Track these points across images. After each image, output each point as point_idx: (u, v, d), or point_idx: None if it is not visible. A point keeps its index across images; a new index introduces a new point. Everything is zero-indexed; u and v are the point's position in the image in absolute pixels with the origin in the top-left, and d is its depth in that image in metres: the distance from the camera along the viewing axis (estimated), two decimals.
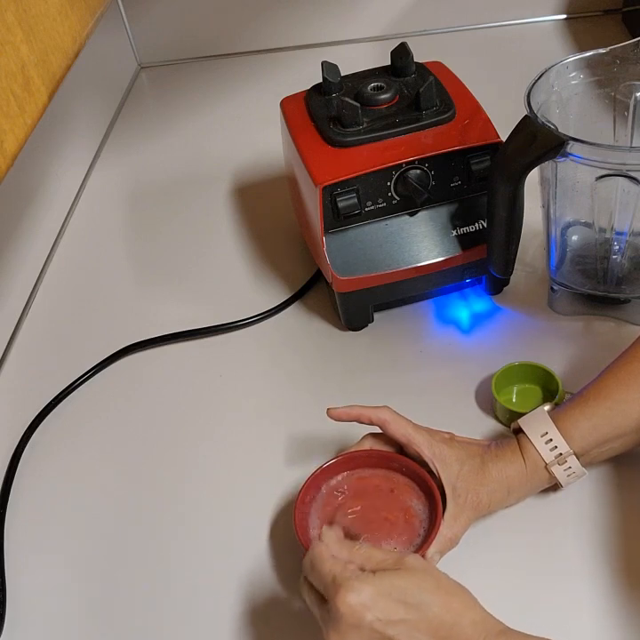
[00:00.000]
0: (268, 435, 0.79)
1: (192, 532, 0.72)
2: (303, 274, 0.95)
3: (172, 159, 1.22)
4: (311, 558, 0.55)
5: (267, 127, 0.98)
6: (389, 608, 0.51)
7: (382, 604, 0.51)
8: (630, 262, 0.81)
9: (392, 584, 0.52)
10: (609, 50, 0.76)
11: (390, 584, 0.52)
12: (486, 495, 0.65)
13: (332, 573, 0.53)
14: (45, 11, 0.68)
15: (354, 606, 0.51)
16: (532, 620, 0.53)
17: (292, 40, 1.42)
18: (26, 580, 0.71)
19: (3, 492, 0.77)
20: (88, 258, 1.07)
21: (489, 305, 0.88)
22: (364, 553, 0.55)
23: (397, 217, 0.82)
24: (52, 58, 0.70)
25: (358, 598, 0.51)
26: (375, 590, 0.51)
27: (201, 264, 1.02)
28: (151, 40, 1.44)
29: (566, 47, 1.29)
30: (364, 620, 0.50)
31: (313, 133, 0.83)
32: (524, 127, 0.71)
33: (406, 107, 0.82)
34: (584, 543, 0.66)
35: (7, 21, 0.62)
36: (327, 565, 0.53)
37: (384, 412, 0.67)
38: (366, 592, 0.51)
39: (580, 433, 0.65)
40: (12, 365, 0.93)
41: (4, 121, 0.60)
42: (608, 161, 0.70)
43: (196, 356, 0.89)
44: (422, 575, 0.53)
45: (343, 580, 0.52)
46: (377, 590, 0.51)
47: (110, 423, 0.84)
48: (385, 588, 0.52)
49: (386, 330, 0.88)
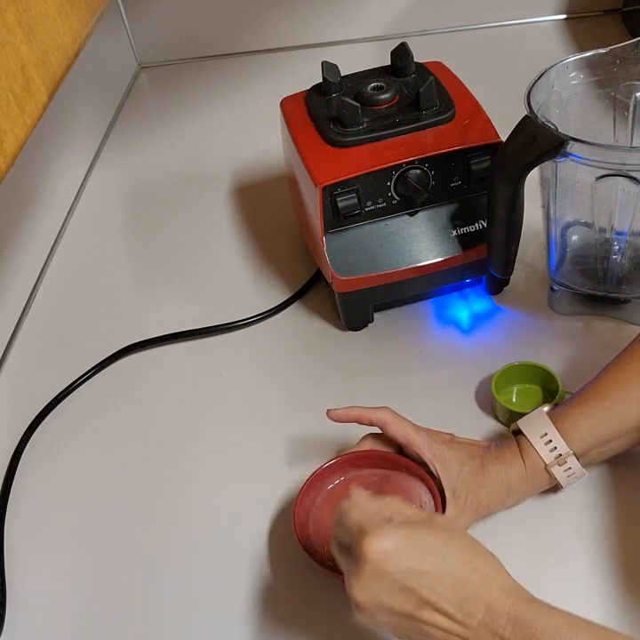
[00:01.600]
0: (268, 435, 0.79)
1: (192, 532, 0.72)
2: (303, 274, 0.95)
3: (172, 159, 1.22)
4: (339, 511, 0.53)
5: (267, 127, 0.98)
6: (414, 559, 0.49)
7: (407, 554, 0.49)
8: (630, 262, 0.81)
9: (420, 535, 0.50)
10: (609, 50, 0.76)
11: (418, 535, 0.50)
12: (486, 496, 0.65)
13: (357, 522, 0.51)
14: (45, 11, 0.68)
15: (377, 554, 0.49)
16: None
17: (292, 40, 1.42)
18: (26, 580, 0.71)
19: (3, 491, 0.77)
20: (88, 258, 1.07)
21: (489, 305, 0.88)
22: (394, 506, 0.53)
23: (397, 217, 0.82)
24: (51, 58, 0.70)
25: (383, 545, 0.49)
26: (401, 540, 0.49)
27: (201, 264, 1.02)
28: (151, 40, 1.44)
29: (566, 47, 1.29)
30: (387, 569, 0.49)
31: (313, 133, 0.83)
32: (524, 127, 0.71)
33: (406, 107, 0.82)
34: (584, 544, 0.66)
35: (7, 21, 0.62)
36: (354, 515, 0.52)
37: (384, 413, 0.67)
38: (391, 540, 0.49)
39: (579, 433, 0.65)
40: (12, 365, 0.93)
41: (3, 121, 0.60)
42: (608, 161, 0.70)
43: (196, 356, 0.89)
44: (452, 533, 0.52)
45: (369, 527, 0.50)
46: (403, 540, 0.50)
47: (110, 423, 0.84)
48: (412, 539, 0.50)
49: (386, 330, 0.88)
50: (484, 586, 0.49)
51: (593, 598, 0.62)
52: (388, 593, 0.49)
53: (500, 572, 0.51)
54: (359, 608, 0.50)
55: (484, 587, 0.49)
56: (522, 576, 0.64)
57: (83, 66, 1.19)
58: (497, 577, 0.51)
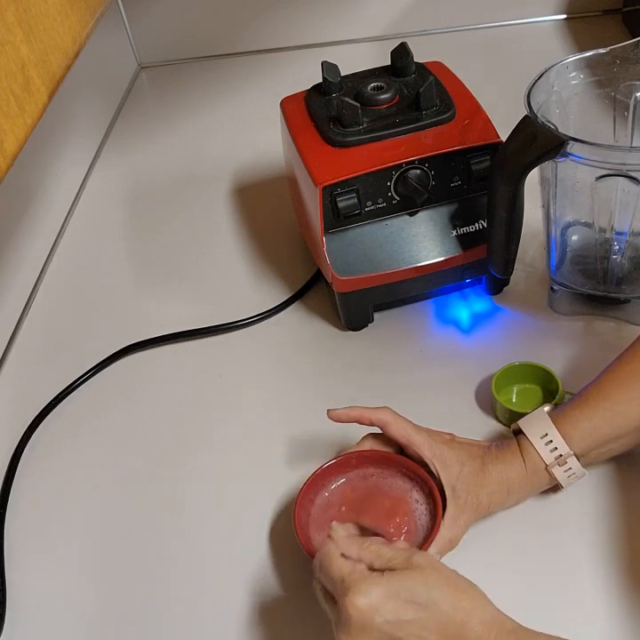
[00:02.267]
0: (269, 435, 0.79)
1: (192, 532, 0.72)
2: (303, 274, 0.95)
3: (172, 159, 1.22)
4: (321, 557, 0.55)
5: (267, 127, 0.98)
6: (398, 609, 0.51)
7: (391, 606, 0.51)
8: (630, 262, 0.81)
9: (400, 584, 0.52)
10: (609, 50, 0.76)
11: (399, 585, 0.52)
12: (486, 496, 0.65)
13: (340, 574, 0.53)
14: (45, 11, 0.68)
15: (362, 608, 0.50)
16: (533, 620, 0.53)
17: (292, 40, 1.42)
18: (26, 580, 0.71)
19: (3, 491, 0.77)
20: (88, 258, 1.07)
21: (489, 305, 0.88)
22: (373, 550, 0.54)
23: (397, 217, 0.82)
24: (51, 58, 0.70)
25: (367, 600, 0.50)
26: (383, 592, 0.51)
27: (201, 264, 1.02)
28: (151, 40, 1.44)
29: (566, 47, 1.29)
30: (373, 623, 0.50)
31: (313, 133, 0.83)
32: (524, 127, 0.71)
33: (406, 107, 0.82)
34: (585, 543, 0.66)
35: (7, 21, 0.62)
36: (335, 566, 0.53)
37: (384, 413, 0.66)
38: (375, 594, 0.51)
39: (580, 434, 0.65)
40: (12, 365, 0.93)
41: (3, 121, 0.60)
42: (608, 161, 0.70)
43: (196, 356, 0.89)
44: (431, 572, 0.53)
45: (351, 582, 0.52)
46: (385, 592, 0.51)
47: (110, 423, 0.84)
48: (393, 589, 0.51)
49: (386, 330, 0.88)
50: (467, 623, 0.51)
51: (595, 598, 0.62)
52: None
53: (481, 604, 0.53)
54: None
55: (468, 624, 0.51)
56: (522, 576, 0.64)
57: (83, 66, 1.19)
58: (478, 611, 0.52)
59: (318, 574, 0.55)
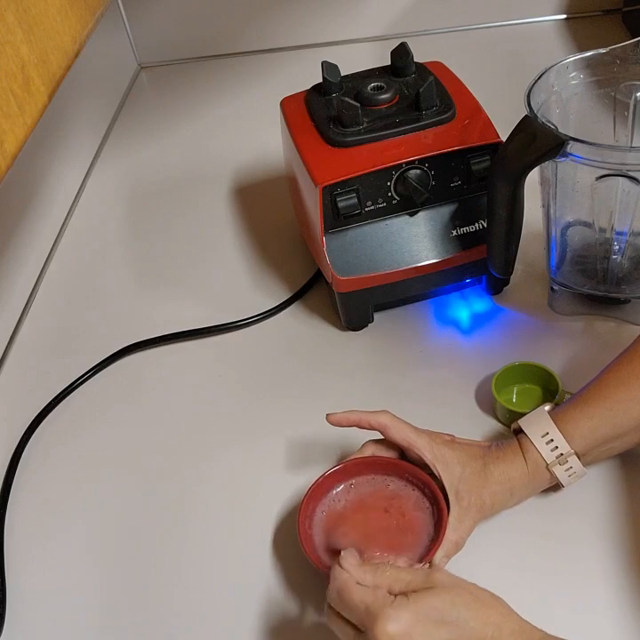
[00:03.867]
0: (269, 435, 0.79)
1: (192, 534, 0.72)
2: (303, 274, 0.95)
3: (172, 159, 1.22)
4: (337, 589, 0.53)
5: (267, 127, 0.98)
6: (430, 631, 0.50)
7: (422, 628, 0.50)
8: (630, 262, 0.81)
9: (428, 605, 0.51)
10: (609, 50, 0.76)
11: (426, 606, 0.51)
12: (489, 497, 0.64)
13: (364, 603, 0.51)
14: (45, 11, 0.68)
15: (395, 635, 0.49)
16: (541, 620, 0.53)
17: (291, 40, 1.42)
18: (26, 580, 0.71)
19: (3, 491, 0.77)
20: (88, 258, 1.07)
21: (489, 305, 0.88)
22: (389, 575, 0.53)
23: (397, 217, 0.82)
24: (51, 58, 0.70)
25: (398, 626, 0.49)
26: (413, 615, 0.50)
27: (201, 264, 1.02)
28: (151, 40, 1.44)
29: (566, 47, 1.29)
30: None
31: (313, 133, 0.83)
32: (524, 127, 0.71)
33: (406, 107, 0.82)
34: (586, 542, 0.66)
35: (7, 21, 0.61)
36: (357, 596, 0.52)
37: (384, 417, 0.66)
38: (404, 619, 0.50)
39: (580, 433, 0.65)
40: (13, 365, 0.93)
41: (3, 121, 0.60)
42: (608, 161, 0.70)
43: (196, 356, 0.89)
44: (456, 590, 0.52)
45: (377, 609, 0.50)
46: (414, 615, 0.50)
47: (110, 423, 0.84)
48: (422, 611, 0.50)
49: (386, 330, 0.88)
50: (498, 636, 0.50)
51: (599, 594, 0.62)
52: None
53: (509, 615, 0.52)
54: None
55: (499, 637, 0.50)
56: (529, 576, 0.64)
57: (83, 66, 1.19)
58: (507, 624, 0.51)
59: (337, 605, 0.54)
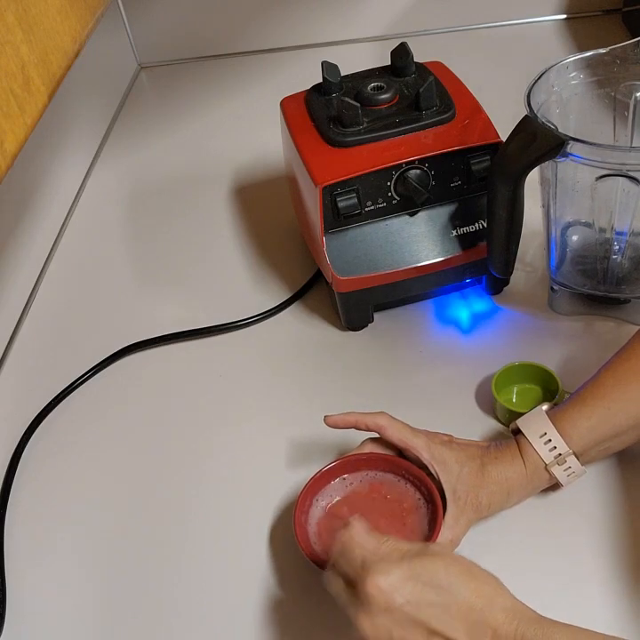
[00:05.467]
0: (269, 435, 0.79)
1: (192, 533, 0.72)
2: (303, 274, 0.95)
3: (172, 159, 1.22)
4: (342, 542, 0.54)
5: (267, 127, 0.98)
6: (419, 590, 0.50)
7: (412, 587, 0.50)
8: (630, 262, 0.81)
9: (421, 567, 0.51)
10: (609, 50, 0.76)
11: (419, 567, 0.51)
12: (486, 497, 0.65)
13: (361, 557, 0.52)
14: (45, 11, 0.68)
15: (383, 588, 0.50)
16: None
17: (291, 40, 1.42)
18: (26, 580, 0.71)
19: (3, 491, 0.77)
20: (88, 258, 1.07)
21: (489, 305, 0.88)
22: (390, 544, 0.54)
23: (397, 217, 0.82)
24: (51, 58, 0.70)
25: (388, 580, 0.50)
26: (404, 573, 0.50)
27: (201, 264, 1.02)
28: (151, 40, 1.44)
29: (566, 47, 1.29)
30: (395, 603, 0.50)
31: (313, 133, 0.83)
32: (524, 127, 0.71)
33: (406, 107, 0.82)
34: (586, 541, 0.66)
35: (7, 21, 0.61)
36: (357, 551, 0.53)
37: (381, 418, 0.66)
38: (396, 574, 0.50)
39: (578, 433, 0.65)
40: (13, 365, 0.93)
41: (3, 121, 0.60)
42: (608, 161, 0.70)
43: (196, 356, 0.89)
44: (450, 560, 0.52)
45: (372, 562, 0.51)
46: (406, 572, 0.50)
47: (110, 423, 0.84)
48: (414, 571, 0.51)
49: (386, 330, 0.88)
50: (489, 610, 0.50)
51: (597, 595, 0.62)
52: (398, 626, 0.50)
53: (502, 592, 0.52)
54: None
55: (489, 611, 0.50)
56: (524, 575, 0.64)
57: (83, 66, 1.19)
58: (499, 599, 0.51)
59: (337, 560, 0.54)
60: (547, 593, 0.63)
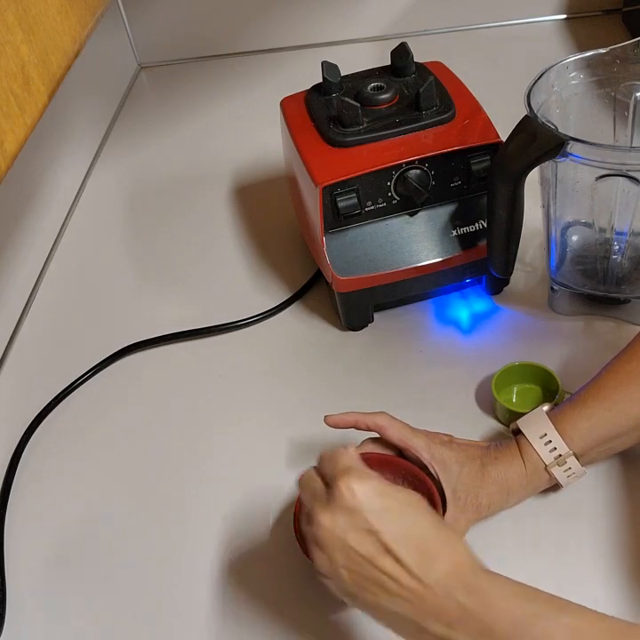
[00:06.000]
0: (269, 435, 0.79)
1: (192, 533, 0.72)
2: (303, 274, 0.95)
3: (172, 159, 1.22)
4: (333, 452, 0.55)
5: (267, 127, 0.98)
6: (387, 504, 0.51)
7: (381, 500, 0.51)
8: (630, 262, 0.81)
9: (399, 495, 0.52)
10: (609, 50, 0.76)
11: (397, 493, 0.52)
12: (486, 497, 0.65)
13: (346, 463, 0.53)
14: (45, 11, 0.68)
15: (354, 490, 0.50)
16: None
17: (291, 40, 1.42)
18: (26, 580, 0.71)
19: (3, 491, 0.77)
20: (88, 258, 1.07)
21: (489, 305, 0.88)
22: None
23: (397, 217, 0.82)
24: (51, 58, 0.70)
25: (361, 486, 0.51)
26: (380, 486, 0.51)
27: (201, 264, 1.02)
28: (151, 40, 1.44)
29: (566, 47, 1.29)
30: (360, 506, 0.50)
31: (313, 133, 0.83)
32: (524, 127, 0.71)
33: (406, 107, 0.82)
34: (585, 542, 0.66)
35: (7, 21, 0.62)
36: (344, 457, 0.54)
37: (381, 418, 0.67)
38: (371, 484, 0.51)
39: (579, 434, 0.65)
40: (13, 365, 0.93)
41: (3, 121, 0.60)
42: (608, 161, 0.70)
43: (196, 355, 0.89)
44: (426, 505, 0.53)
45: (354, 468, 0.52)
46: (381, 487, 0.51)
47: (110, 423, 0.84)
48: (390, 490, 0.52)
49: (386, 330, 0.88)
50: (448, 547, 0.50)
51: (596, 595, 0.62)
52: (355, 531, 0.50)
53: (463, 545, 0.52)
54: (321, 542, 0.51)
55: (448, 548, 0.50)
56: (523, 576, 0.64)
57: (83, 66, 1.19)
58: (459, 546, 0.51)
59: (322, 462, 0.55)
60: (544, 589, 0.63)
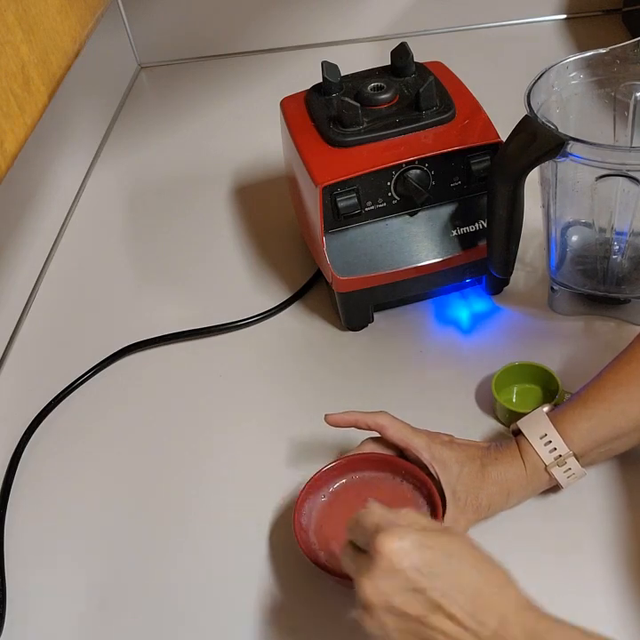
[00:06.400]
0: (269, 435, 0.79)
1: (192, 533, 0.72)
2: (303, 274, 0.95)
3: (172, 159, 1.22)
4: (356, 516, 0.52)
5: (267, 127, 0.98)
6: (429, 559, 0.48)
7: (422, 554, 0.48)
8: (630, 262, 0.81)
9: (436, 540, 0.49)
10: (609, 50, 0.76)
11: (434, 540, 0.49)
12: (486, 498, 0.64)
13: (375, 523, 0.50)
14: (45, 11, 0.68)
15: (393, 550, 0.47)
16: None
17: (291, 40, 1.42)
18: (26, 580, 0.71)
19: (3, 491, 0.77)
20: (88, 258, 1.07)
21: (489, 305, 0.88)
22: (410, 517, 0.51)
23: (397, 217, 0.82)
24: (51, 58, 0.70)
25: (399, 543, 0.48)
26: (417, 539, 0.48)
27: (201, 264, 1.02)
28: (151, 40, 1.44)
29: (566, 47, 1.29)
30: (401, 566, 0.47)
31: (313, 133, 0.83)
32: (524, 127, 0.71)
33: (406, 107, 0.82)
34: (585, 543, 0.66)
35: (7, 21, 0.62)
36: (371, 518, 0.50)
37: (381, 418, 0.66)
38: (408, 539, 0.48)
39: (579, 434, 0.65)
40: (13, 365, 0.93)
41: (3, 121, 0.60)
42: (608, 161, 0.70)
43: (196, 355, 0.89)
44: (468, 543, 0.50)
45: (386, 525, 0.49)
46: (419, 540, 0.48)
47: (110, 423, 0.84)
48: (428, 542, 0.48)
49: (386, 330, 0.88)
50: (499, 595, 0.48)
51: (595, 596, 0.62)
52: (400, 592, 0.48)
53: (514, 585, 0.50)
54: (368, 608, 0.49)
55: (499, 596, 0.48)
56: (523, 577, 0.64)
57: (83, 66, 1.19)
58: (512, 590, 0.49)
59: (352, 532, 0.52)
60: (546, 594, 0.63)
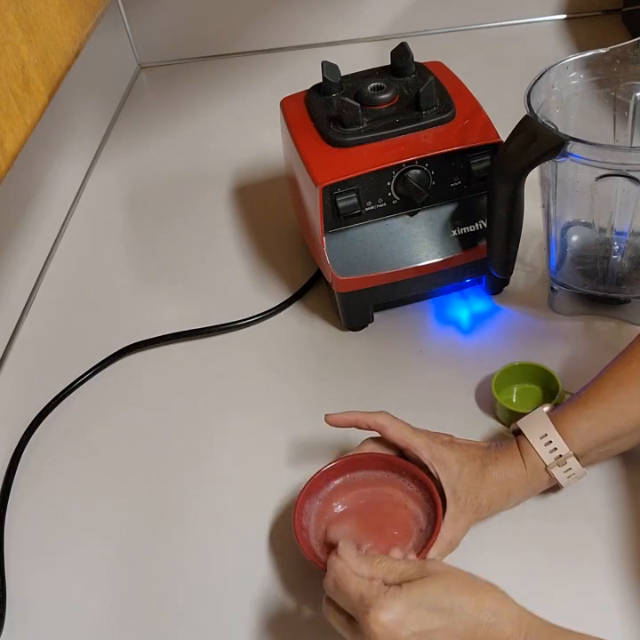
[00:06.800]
0: (269, 435, 0.79)
1: (192, 533, 0.72)
2: (303, 274, 0.95)
3: (172, 159, 1.22)
4: (334, 578, 0.53)
5: (267, 127, 0.98)
6: (423, 619, 0.50)
7: (415, 617, 0.50)
8: (630, 262, 0.81)
9: (421, 594, 0.51)
10: (609, 50, 0.76)
11: (419, 594, 0.51)
12: (486, 497, 0.64)
13: (358, 592, 0.51)
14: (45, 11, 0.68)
15: (387, 624, 0.49)
16: None
17: (291, 40, 1.42)
18: (26, 580, 0.71)
19: (3, 491, 0.77)
20: (88, 258, 1.07)
21: (489, 305, 0.88)
22: (384, 566, 0.53)
23: (397, 217, 0.82)
24: (51, 58, 0.70)
25: (390, 615, 0.49)
26: (405, 604, 0.50)
27: (201, 264, 1.02)
28: (151, 40, 1.44)
29: (566, 47, 1.29)
30: (400, 637, 0.49)
31: (313, 133, 0.83)
32: (524, 127, 0.71)
33: (406, 107, 0.82)
34: (585, 543, 0.66)
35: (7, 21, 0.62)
36: (352, 585, 0.52)
37: (382, 418, 0.66)
38: (397, 607, 0.50)
39: (579, 434, 0.65)
40: (13, 365, 0.93)
41: (3, 121, 0.60)
42: (608, 161, 0.70)
43: (196, 355, 0.89)
44: (449, 578, 0.52)
45: (371, 598, 0.50)
46: (407, 604, 0.50)
47: (110, 423, 0.84)
48: (415, 600, 0.50)
49: (386, 330, 0.88)
50: (495, 624, 0.50)
51: (596, 596, 0.62)
52: None
53: (506, 603, 0.51)
54: None
55: (495, 625, 0.50)
56: (523, 577, 0.64)
57: (83, 66, 1.19)
58: (504, 610, 0.51)
59: (333, 594, 0.53)
60: (546, 595, 0.63)
